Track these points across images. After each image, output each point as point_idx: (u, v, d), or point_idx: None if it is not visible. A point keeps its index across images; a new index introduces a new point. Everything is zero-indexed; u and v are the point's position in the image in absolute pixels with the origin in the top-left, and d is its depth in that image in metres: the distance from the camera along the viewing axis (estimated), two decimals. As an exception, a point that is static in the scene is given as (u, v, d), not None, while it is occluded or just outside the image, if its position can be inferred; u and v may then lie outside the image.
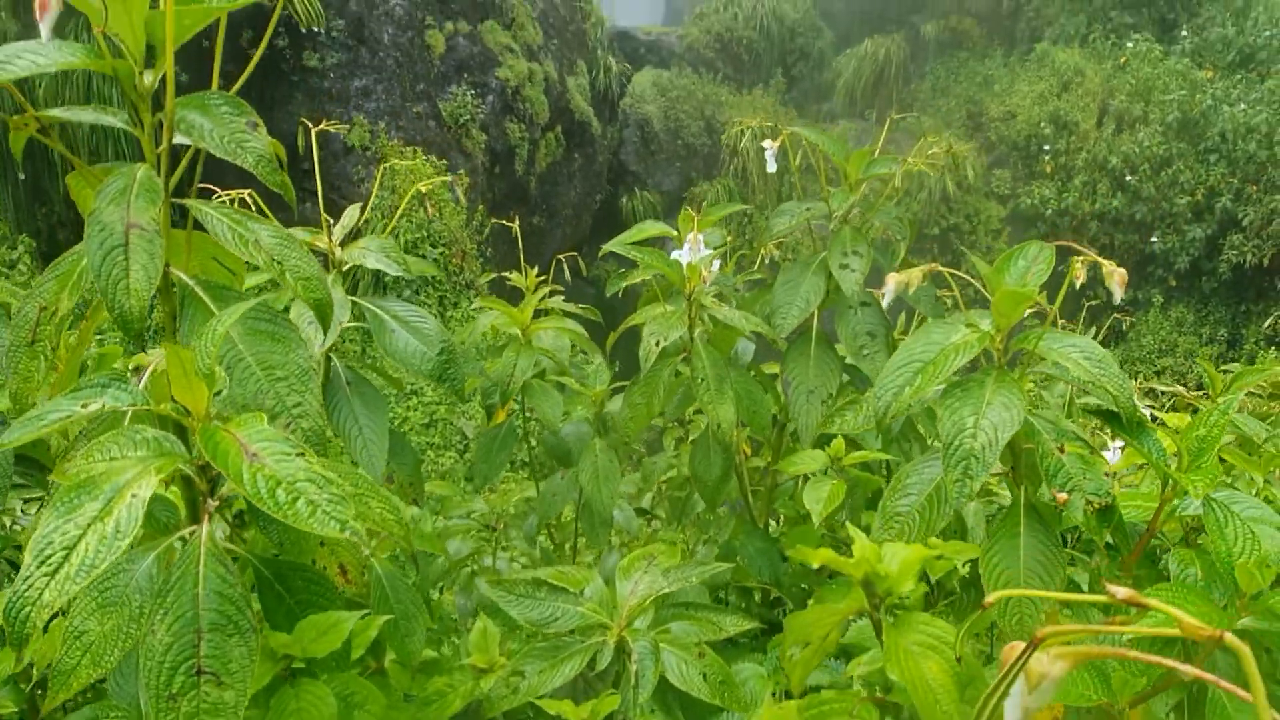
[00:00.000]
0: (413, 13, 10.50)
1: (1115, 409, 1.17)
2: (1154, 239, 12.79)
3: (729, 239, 2.27)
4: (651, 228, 2.12)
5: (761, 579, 2.08)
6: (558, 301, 2.31)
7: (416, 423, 8.52)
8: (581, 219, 13.53)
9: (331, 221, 1.62)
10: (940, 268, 1.31)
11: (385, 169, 9.60)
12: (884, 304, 1.37)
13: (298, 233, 1.54)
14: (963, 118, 14.28)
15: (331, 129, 1.80)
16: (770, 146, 1.89)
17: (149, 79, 0.90)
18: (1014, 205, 13.38)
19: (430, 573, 2.19)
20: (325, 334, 1.06)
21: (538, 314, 2.15)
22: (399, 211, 2.10)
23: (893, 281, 1.34)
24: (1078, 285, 1.20)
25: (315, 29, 8.39)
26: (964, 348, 1.14)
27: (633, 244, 2.18)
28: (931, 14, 14.82)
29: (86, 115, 0.94)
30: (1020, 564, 1.17)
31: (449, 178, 9.73)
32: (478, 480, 2.24)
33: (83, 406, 0.76)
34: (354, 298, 1.64)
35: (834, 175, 1.97)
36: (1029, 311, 1.17)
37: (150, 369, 0.84)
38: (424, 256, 9.24)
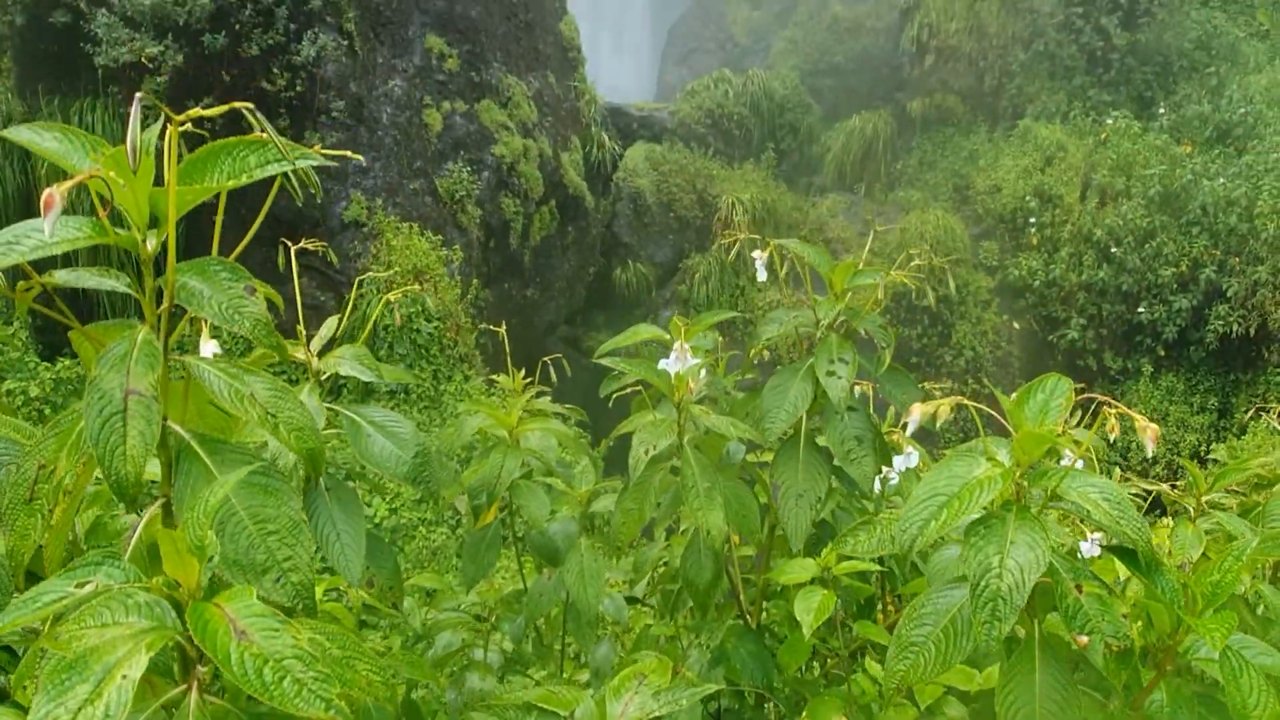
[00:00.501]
0: (411, 93, 10.76)
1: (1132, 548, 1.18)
2: (1141, 309, 12.94)
3: (720, 340, 2.30)
4: (644, 331, 2.15)
5: (754, 684, 2.06)
6: (544, 402, 2.33)
7: (408, 498, 8.46)
8: (575, 290, 13.66)
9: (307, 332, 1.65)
10: (964, 400, 1.33)
11: (381, 245, 9.73)
12: (908, 432, 1.40)
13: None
14: (949, 191, 14.56)
15: (311, 247, 1.85)
16: (759, 256, 1.94)
17: (152, 245, 0.93)
18: (1002, 276, 13.56)
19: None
20: (316, 474, 1.08)
21: (525, 415, 2.17)
22: (383, 303, 2.13)
23: (917, 412, 1.37)
24: (1111, 439, 1.22)
25: (320, 113, 8.58)
26: (986, 483, 1.16)
27: (630, 343, 2.21)
28: (916, 92, 15.23)
29: (90, 280, 0.97)
30: (1036, 702, 1.17)
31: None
32: (466, 581, 2.24)
33: (78, 586, 0.77)
34: (331, 405, 1.66)
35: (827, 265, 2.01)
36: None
37: (139, 531, 0.85)
38: (419, 330, 9.29)
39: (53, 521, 0.87)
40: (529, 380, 2.29)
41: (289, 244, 1.84)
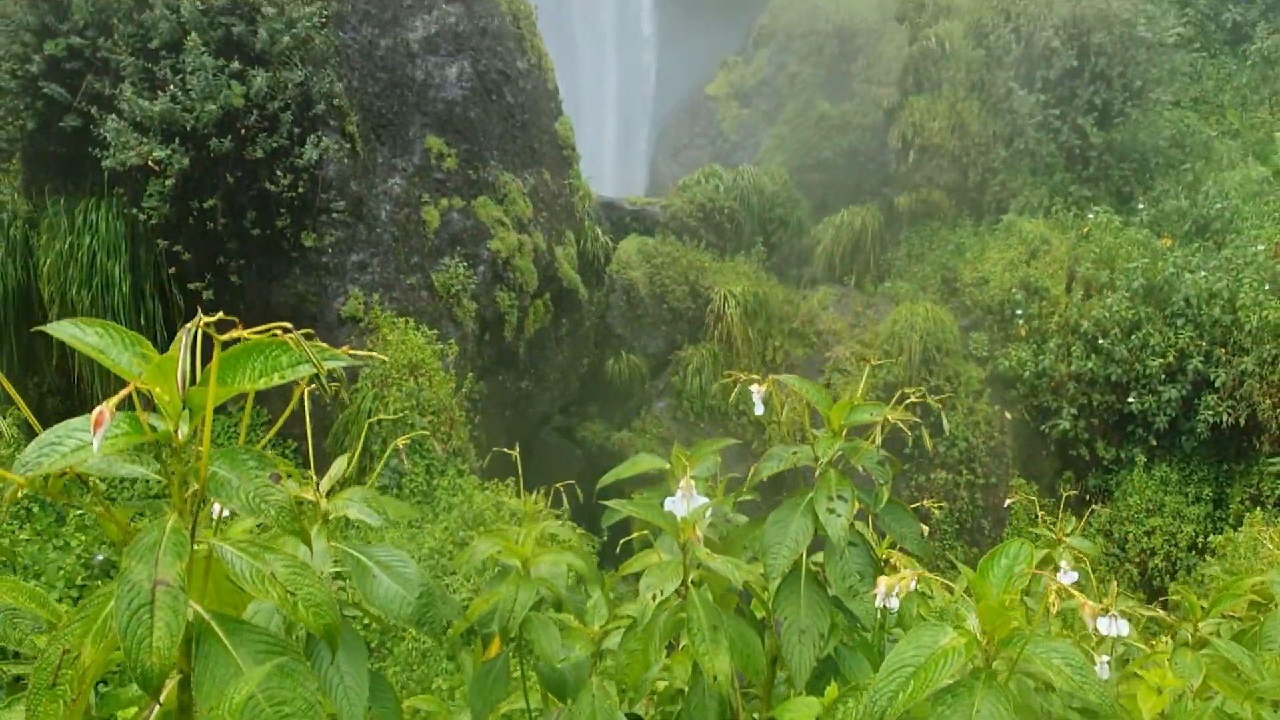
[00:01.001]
0: (410, 191, 11.02)
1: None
2: (1131, 399, 13.04)
3: (719, 461, 2.33)
4: (644, 461, 2.19)
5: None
6: (558, 526, 2.34)
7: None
8: (569, 382, 13.74)
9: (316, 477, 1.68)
10: (928, 575, 1.36)
11: (378, 340, 9.80)
12: (877, 603, 1.42)
13: (291, 486, 1.59)
14: (938, 283, 14.82)
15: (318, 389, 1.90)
16: (757, 391, 1.99)
17: (183, 434, 0.97)
18: (992, 367, 13.70)
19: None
20: (333, 649, 1.09)
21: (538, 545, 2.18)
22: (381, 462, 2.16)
23: (883, 585, 1.39)
24: (1053, 612, 1.24)
25: (321, 212, 8.77)
26: (952, 654, 1.18)
27: (631, 474, 2.23)
28: (903, 187, 15.65)
29: (122, 469, 1.00)
30: None
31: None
32: (473, 716, 2.20)
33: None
34: (336, 543, 1.68)
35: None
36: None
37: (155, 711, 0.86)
38: (412, 426, 9.29)
39: (73, 706, 0.88)
40: (536, 502, 2.30)
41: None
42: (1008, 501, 6.41)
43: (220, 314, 1.03)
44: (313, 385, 1.27)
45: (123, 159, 7.89)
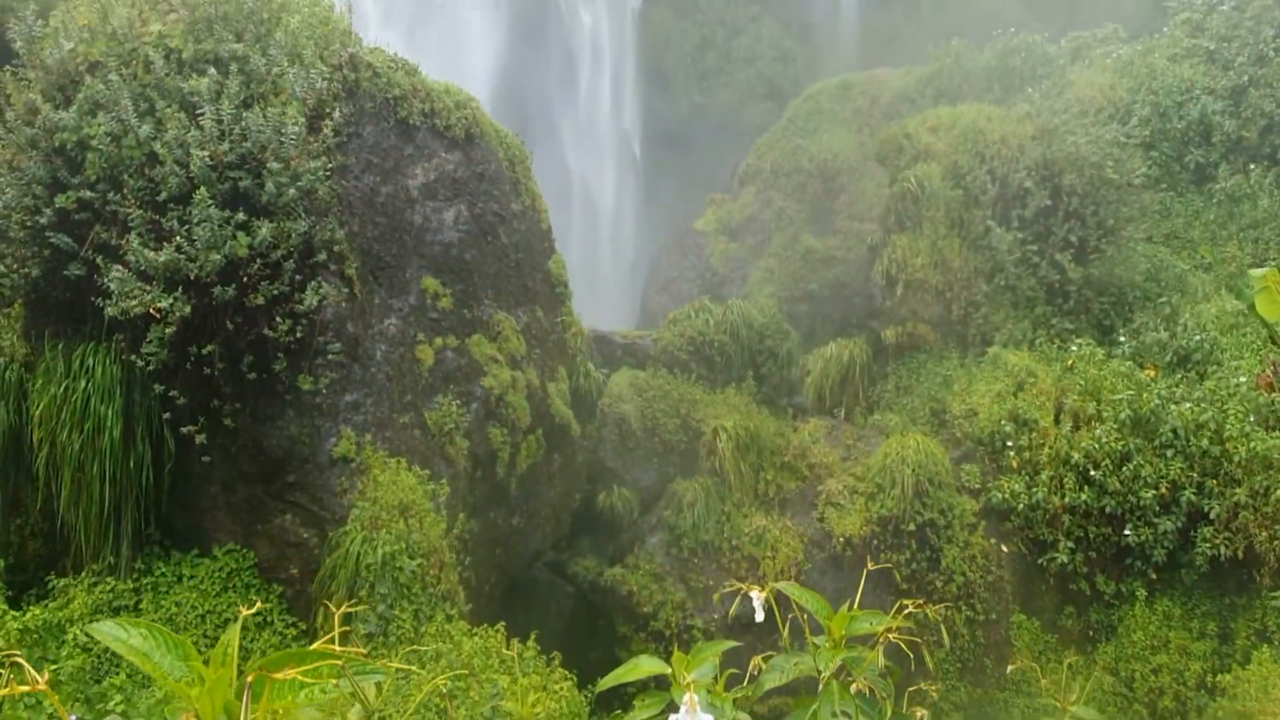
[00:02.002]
0: (405, 330, 11.19)
1: None
2: (1127, 531, 12.95)
3: (718, 665, 2.31)
4: (644, 664, 2.16)
5: None
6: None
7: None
8: (561, 518, 13.59)
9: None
10: None
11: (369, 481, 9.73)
12: None
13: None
14: (927, 415, 14.93)
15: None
16: (757, 597, 1.99)
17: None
18: (986, 499, 13.64)
19: None
20: None
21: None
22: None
23: None
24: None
25: (317, 354, 8.87)
26: None
27: (631, 679, 2.20)
28: (889, 320, 15.98)
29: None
30: None
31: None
32: None
33: None
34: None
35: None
36: None
37: None
38: (400, 569, 9.12)
39: None
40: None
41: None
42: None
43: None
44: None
45: (125, 307, 8.03)
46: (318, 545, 9.70)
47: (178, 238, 8.07)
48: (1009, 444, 13.80)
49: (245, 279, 8.30)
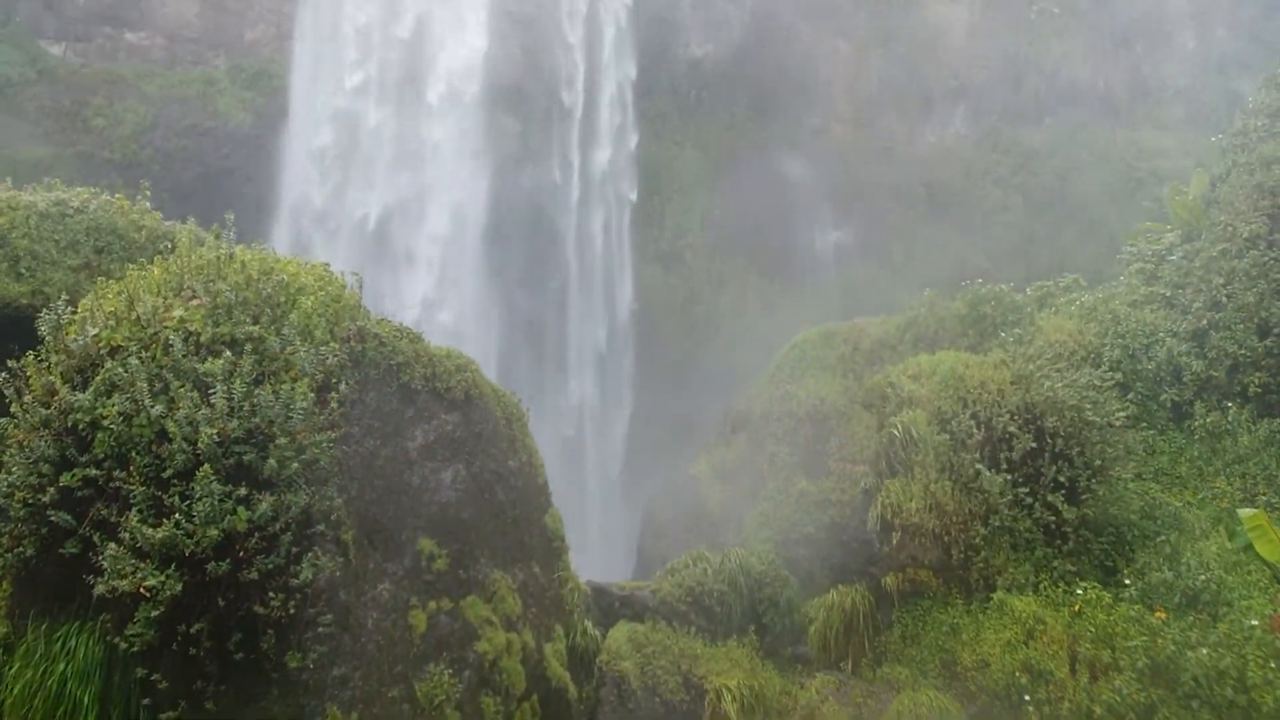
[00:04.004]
0: (398, 595, 10.98)
1: None
2: (1164, 795, 12.09)
3: None
4: None
5: None
6: None
7: None
8: (557, 794, 12.65)
9: None
10: None
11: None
12: None
13: None
14: (937, 667, 14.36)
15: None
16: None
17: None
18: (1009, 761, 12.83)
19: None
20: None
21: None
22: None
23: None
24: None
25: (307, 626, 8.67)
26: None
27: None
28: (888, 566, 15.77)
29: None
30: None
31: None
32: None
33: None
34: None
35: None
36: None
37: None
38: None
39: None
40: None
41: None
42: None
43: None
44: None
45: (115, 585, 7.95)
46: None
47: (177, 514, 8.14)
48: (1026, 697, 13.19)
49: (241, 553, 8.28)
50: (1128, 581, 14.72)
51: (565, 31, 33.29)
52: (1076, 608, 14.14)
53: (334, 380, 10.07)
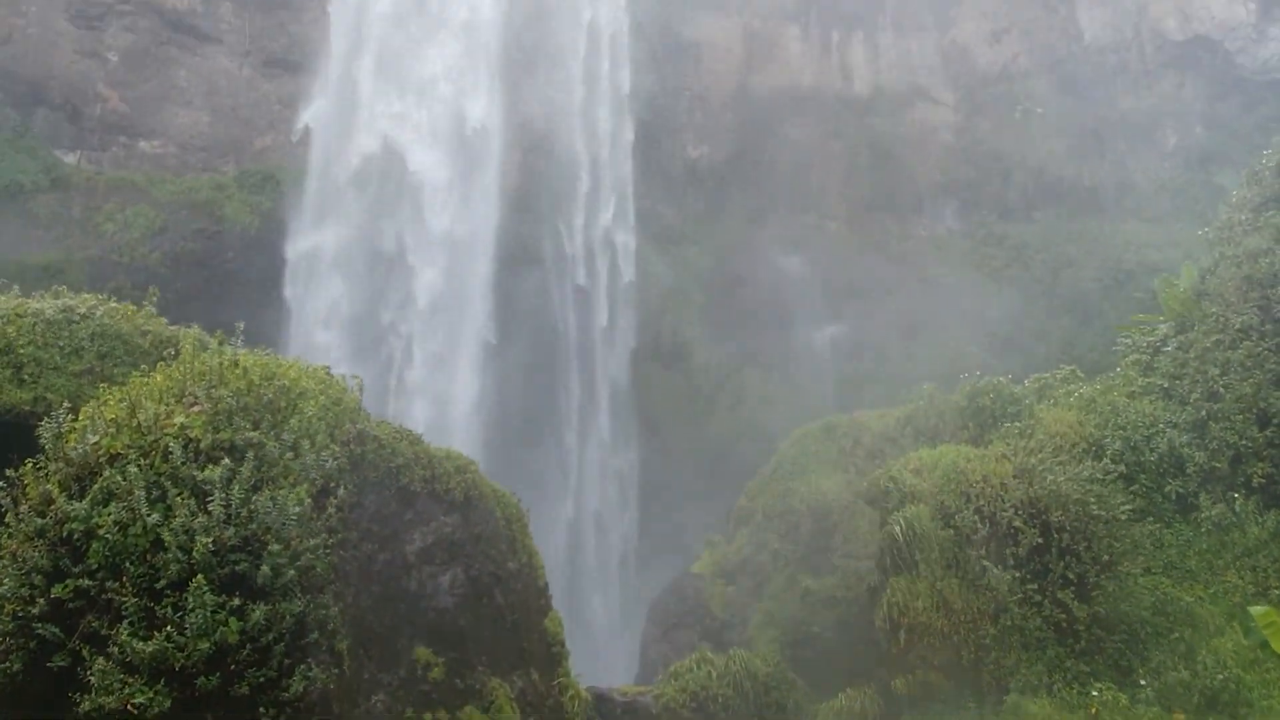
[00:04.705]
0: (394, 706, 10.68)
1: None
2: None
3: None
4: None
5: None
6: None
7: None
8: None
9: None
10: None
11: None
12: None
13: None
14: (953, 776, 13.84)
15: None
16: None
17: None
18: None
19: None
20: None
21: None
22: None
23: None
24: None
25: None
26: None
27: None
28: (898, 668, 15.36)
29: None
30: None
31: None
32: None
33: None
34: None
35: None
36: None
37: None
38: None
39: None
40: None
41: None
42: None
43: None
44: None
45: (102, 702, 7.73)
46: None
47: (169, 626, 7.99)
48: (1047, 809, 12.66)
49: (232, 666, 8.09)
50: (1144, 682, 14.31)
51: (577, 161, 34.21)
52: (1093, 710, 13.71)
53: (333, 484, 10.02)
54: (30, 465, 9.16)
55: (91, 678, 7.90)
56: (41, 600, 8.37)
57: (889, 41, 45.27)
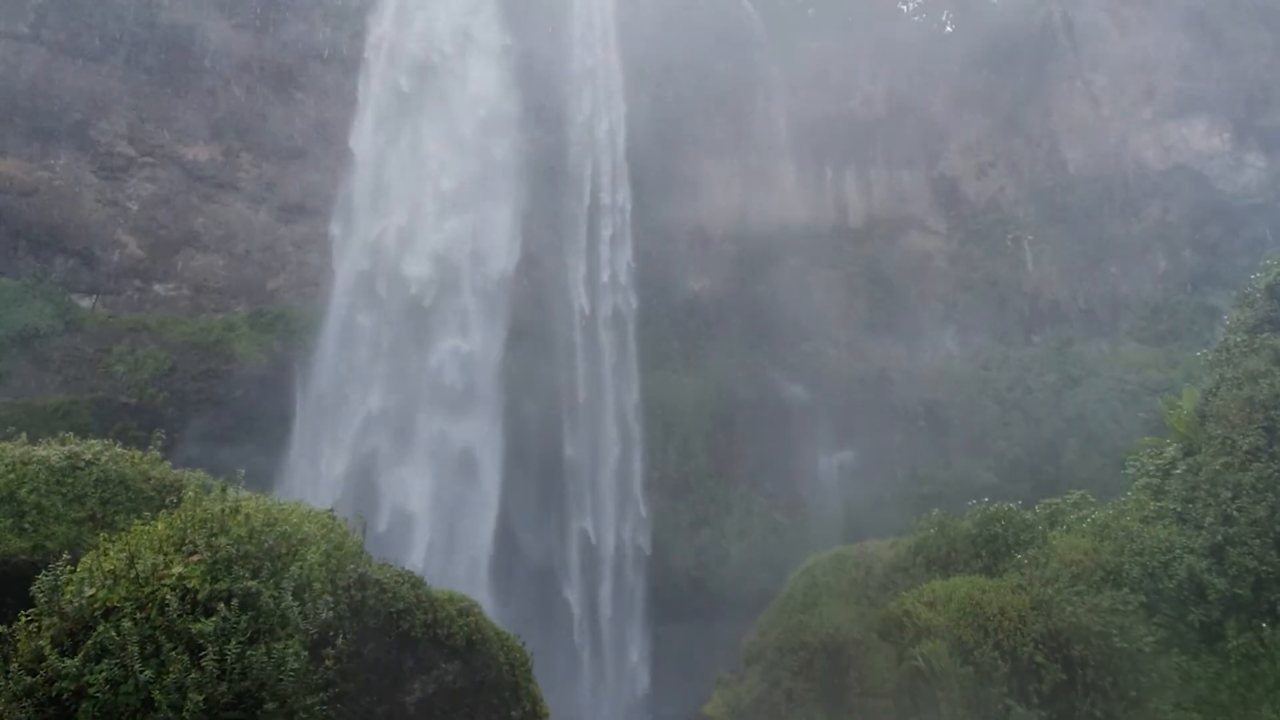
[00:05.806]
0: None
1: None
2: None
3: None
4: None
5: None
6: None
7: None
8: None
9: None
10: None
11: None
12: None
13: None
14: None
15: None
16: None
17: None
18: None
19: None
20: None
21: None
22: None
23: None
24: None
25: None
26: None
27: None
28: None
29: None
30: None
31: None
32: None
33: None
34: None
35: None
36: None
37: None
38: None
39: None
40: None
41: None
42: None
43: None
44: None
45: None
46: None
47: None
48: None
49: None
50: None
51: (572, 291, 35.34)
52: None
53: (332, 634, 9.79)
54: (23, 620, 8.98)
55: None
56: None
57: (879, 174, 47.03)
